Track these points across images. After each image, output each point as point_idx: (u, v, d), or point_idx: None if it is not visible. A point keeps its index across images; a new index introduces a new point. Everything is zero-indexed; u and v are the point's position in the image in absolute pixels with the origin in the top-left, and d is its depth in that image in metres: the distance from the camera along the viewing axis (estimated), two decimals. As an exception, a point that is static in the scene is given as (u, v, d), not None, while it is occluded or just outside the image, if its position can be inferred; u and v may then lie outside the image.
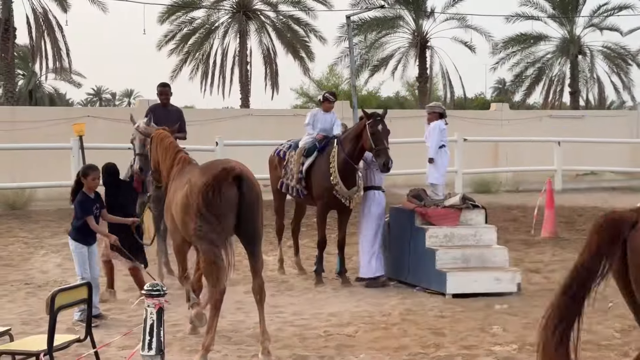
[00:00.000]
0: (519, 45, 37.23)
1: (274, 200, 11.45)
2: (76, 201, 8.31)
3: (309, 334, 7.85)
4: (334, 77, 52.17)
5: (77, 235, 8.34)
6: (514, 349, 7.24)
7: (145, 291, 5.48)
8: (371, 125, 9.91)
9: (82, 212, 8.25)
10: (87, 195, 8.31)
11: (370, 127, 9.90)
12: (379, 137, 9.87)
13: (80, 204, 8.27)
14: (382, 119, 10.00)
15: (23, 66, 46.27)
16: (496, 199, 20.41)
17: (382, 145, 9.85)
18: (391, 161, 9.85)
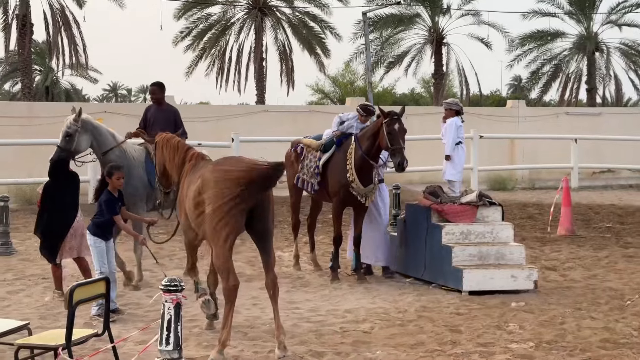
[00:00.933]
0: (536, 42, 37.11)
1: (290, 197, 11.47)
2: (102, 200, 8.40)
3: (325, 330, 7.86)
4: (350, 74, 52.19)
5: (97, 230, 8.42)
6: (530, 346, 7.22)
7: (163, 286, 5.50)
8: (388, 124, 9.88)
9: (109, 211, 8.35)
10: (112, 194, 8.40)
11: (387, 126, 9.88)
12: (395, 136, 9.84)
13: (106, 204, 8.37)
14: (399, 118, 9.97)
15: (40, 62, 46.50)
16: (512, 197, 20.35)
17: (397, 144, 9.83)
18: (406, 161, 9.84)
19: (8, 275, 10.52)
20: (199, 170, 7.55)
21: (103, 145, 9.83)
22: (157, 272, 10.49)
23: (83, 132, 9.68)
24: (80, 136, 9.66)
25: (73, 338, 5.74)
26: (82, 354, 6.40)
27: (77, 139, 9.64)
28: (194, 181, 7.47)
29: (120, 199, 8.53)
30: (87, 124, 9.75)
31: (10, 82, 49.83)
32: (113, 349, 6.13)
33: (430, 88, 49.22)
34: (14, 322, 6.41)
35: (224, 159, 7.66)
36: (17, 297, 9.28)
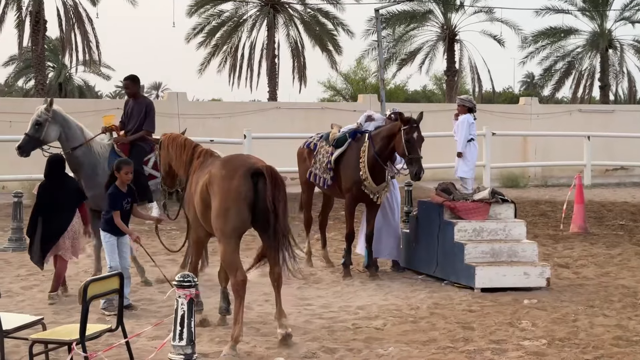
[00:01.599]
0: (549, 39, 36.96)
1: (302, 193, 11.48)
2: (107, 193, 8.41)
3: (337, 327, 7.87)
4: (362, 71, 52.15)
5: (107, 226, 8.46)
6: (543, 344, 7.21)
7: (176, 282, 5.52)
8: (406, 132, 9.79)
9: (111, 205, 8.36)
10: (118, 189, 8.41)
11: (406, 134, 9.79)
12: (414, 145, 9.78)
13: (110, 197, 8.37)
14: (418, 126, 9.89)
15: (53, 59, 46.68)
16: (524, 194, 20.31)
17: (415, 153, 9.78)
18: (423, 171, 9.84)
19: (22, 270, 10.58)
20: (208, 166, 7.59)
21: (71, 139, 9.78)
22: (170, 268, 10.53)
23: (53, 123, 9.70)
24: (50, 126, 9.69)
25: (87, 333, 5.77)
26: (96, 349, 6.44)
27: (46, 129, 9.67)
28: (202, 177, 7.51)
29: (130, 194, 8.52)
30: (58, 115, 9.77)
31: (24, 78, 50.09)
32: (126, 344, 6.16)
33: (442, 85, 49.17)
34: (28, 317, 6.45)
35: (232, 155, 7.72)
36: (31, 293, 9.33)
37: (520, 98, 30.17)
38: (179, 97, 22.73)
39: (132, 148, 9.99)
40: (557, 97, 43.00)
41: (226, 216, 7.07)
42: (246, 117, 22.64)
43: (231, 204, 7.04)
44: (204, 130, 21.05)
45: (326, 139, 10.83)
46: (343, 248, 10.85)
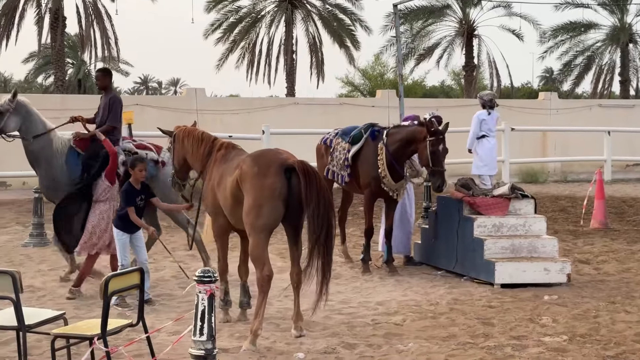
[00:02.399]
0: (568, 34, 36.77)
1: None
2: (121, 190, 8.44)
3: (356, 322, 7.87)
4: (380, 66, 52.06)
5: (119, 222, 8.50)
6: (564, 340, 7.17)
7: (196, 277, 5.53)
8: (432, 144, 9.66)
9: (125, 202, 8.40)
10: (132, 186, 8.44)
11: (432, 145, 9.66)
12: (439, 158, 9.68)
13: (124, 194, 8.41)
14: (444, 138, 9.79)
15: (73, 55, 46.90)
16: (544, 189, 20.22)
17: (440, 166, 9.70)
18: (446, 184, 9.80)
19: (43, 266, 10.65)
20: (234, 160, 7.57)
21: (31, 131, 9.79)
22: (190, 264, 10.58)
23: (15, 114, 9.74)
24: (11, 116, 9.73)
25: (108, 328, 5.78)
26: (117, 343, 6.47)
27: (6, 119, 9.71)
28: (229, 171, 7.49)
29: (144, 191, 8.56)
30: (21, 106, 9.81)
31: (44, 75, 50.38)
32: (147, 339, 6.18)
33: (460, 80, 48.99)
34: (50, 312, 6.48)
35: (262, 151, 7.70)
36: (52, 288, 9.39)
37: (540, 93, 30.02)
38: (197, 93, 22.79)
39: (91, 144, 9.81)
40: (576, 92, 42.78)
41: (259, 212, 7.04)
42: (264, 113, 22.67)
43: (265, 201, 7.02)
44: (222, 126, 21.10)
45: (342, 136, 10.82)
46: (362, 244, 10.85)
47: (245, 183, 7.16)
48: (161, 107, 22.08)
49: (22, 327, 5.85)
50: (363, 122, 11.18)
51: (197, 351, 5.47)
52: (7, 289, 5.83)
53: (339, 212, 11.65)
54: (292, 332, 7.30)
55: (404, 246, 11.04)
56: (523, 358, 6.56)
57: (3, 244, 12.17)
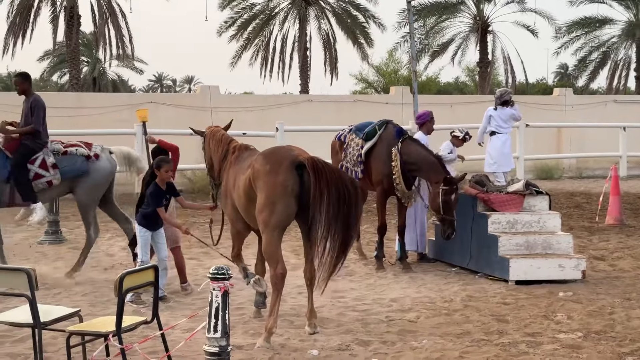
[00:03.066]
0: (583, 29, 36.57)
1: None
2: (149, 192, 8.49)
3: (370, 319, 7.87)
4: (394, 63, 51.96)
5: (143, 220, 8.55)
6: (578, 336, 7.14)
7: (210, 274, 5.54)
8: (445, 193, 9.67)
9: (154, 203, 8.45)
10: (159, 187, 8.49)
11: (444, 194, 9.67)
12: (450, 207, 9.70)
13: (152, 195, 8.46)
14: (458, 188, 9.77)
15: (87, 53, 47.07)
16: (559, 185, 20.15)
17: (451, 216, 9.73)
18: (455, 233, 9.79)
19: (58, 263, 10.70)
20: (246, 160, 7.61)
21: None
22: (204, 261, 10.61)
23: None
24: None
25: (123, 325, 5.81)
26: (132, 340, 6.49)
27: None
28: (242, 171, 7.53)
29: (170, 191, 8.60)
30: None
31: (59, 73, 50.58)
32: (162, 336, 6.20)
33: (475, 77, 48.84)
34: (65, 309, 6.51)
35: (274, 148, 7.71)
36: (67, 285, 9.42)
37: (555, 89, 29.87)
38: (211, 90, 22.82)
39: (19, 146, 9.76)
40: (591, 87, 42.55)
41: (272, 210, 7.04)
42: (278, 110, 22.66)
43: (278, 198, 7.03)
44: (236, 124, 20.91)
45: (355, 132, 10.82)
46: (376, 241, 10.84)
47: (257, 181, 7.18)
48: (175, 105, 22.13)
49: (38, 324, 5.89)
50: (377, 119, 11.18)
51: (211, 348, 5.49)
52: (22, 287, 5.86)
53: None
54: (306, 329, 7.32)
55: (419, 243, 11.01)
56: (538, 355, 6.54)
57: (19, 242, 12.24)
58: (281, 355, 6.62)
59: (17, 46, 30.95)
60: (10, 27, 30.75)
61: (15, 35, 30.85)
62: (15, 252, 11.45)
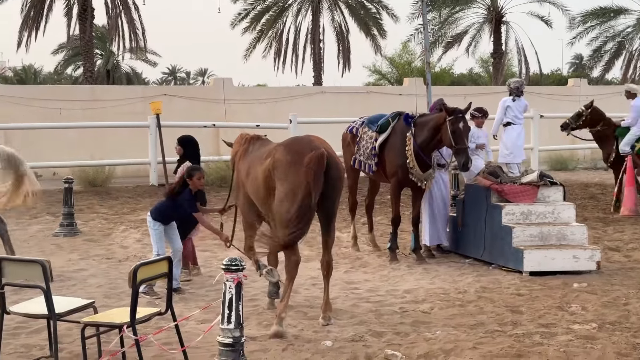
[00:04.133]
0: (598, 19, 36.32)
1: (347, 178, 11.45)
2: (184, 198, 8.53)
3: (384, 310, 7.87)
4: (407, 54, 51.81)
5: (159, 216, 8.60)
6: (593, 327, 7.12)
7: (224, 266, 5.56)
8: (452, 123, 9.70)
9: (191, 209, 8.51)
10: (191, 193, 8.55)
11: (451, 125, 9.69)
12: (460, 136, 9.69)
13: (188, 203, 8.52)
14: (464, 116, 9.79)
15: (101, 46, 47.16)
16: (573, 176, 20.06)
17: (462, 144, 9.70)
18: (471, 161, 9.80)
19: (73, 255, 10.75)
20: (260, 150, 7.63)
21: None
22: (217, 252, 10.64)
23: None
24: None
25: (137, 316, 5.84)
26: (146, 332, 6.52)
27: None
28: (258, 161, 7.53)
29: (199, 196, 8.70)
30: None
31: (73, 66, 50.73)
32: (176, 327, 6.23)
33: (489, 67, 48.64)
34: (80, 300, 6.55)
35: (295, 138, 7.73)
36: (82, 277, 9.48)
37: (569, 80, 29.71)
38: (224, 82, 22.84)
39: None
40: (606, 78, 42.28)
41: (293, 201, 7.07)
42: (291, 102, 22.65)
43: (299, 189, 7.06)
44: (250, 116, 21.14)
45: (368, 125, 10.80)
46: (389, 232, 10.83)
47: (278, 171, 7.19)
48: (189, 97, 22.17)
49: (53, 315, 5.93)
50: (390, 110, 11.15)
51: (225, 339, 5.51)
52: (37, 278, 5.90)
53: (365, 200, 11.65)
54: (320, 321, 7.34)
55: (440, 236, 10.88)
56: (552, 346, 6.52)
57: (34, 234, 12.31)
58: (295, 346, 6.63)
59: (31, 39, 31.04)
60: (25, 20, 30.84)
61: (29, 29, 30.93)
62: (30, 244, 11.52)
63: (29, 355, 6.45)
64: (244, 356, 5.59)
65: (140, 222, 13.04)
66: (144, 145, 18.50)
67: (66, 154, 19.23)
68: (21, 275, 6.10)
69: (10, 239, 9.79)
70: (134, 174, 19.75)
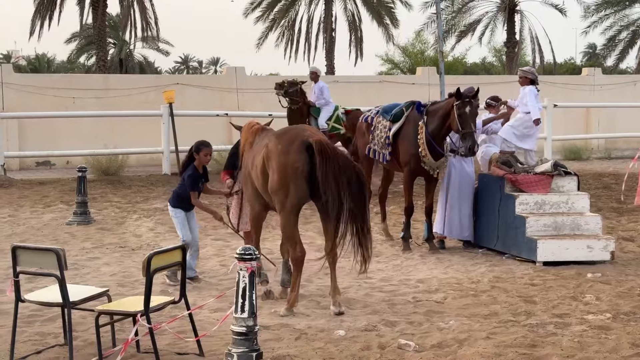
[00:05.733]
0: (612, 8, 36.06)
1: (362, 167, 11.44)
2: (186, 174, 8.51)
3: (397, 300, 7.86)
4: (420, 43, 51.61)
5: (177, 202, 8.61)
6: (607, 317, 7.09)
7: (237, 255, 5.56)
8: (459, 107, 9.67)
9: (191, 186, 8.48)
10: (196, 170, 8.52)
11: (458, 109, 9.67)
12: (466, 120, 9.63)
13: (190, 178, 8.49)
14: (471, 100, 9.72)
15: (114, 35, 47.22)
16: (587, 166, 19.95)
17: (469, 128, 9.64)
18: (477, 145, 9.75)
19: (87, 244, 10.79)
20: (263, 140, 7.66)
21: None
22: (231, 242, 10.65)
23: None
24: None
25: (151, 305, 5.86)
26: (160, 320, 6.54)
27: None
28: (259, 151, 7.59)
29: (204, 175, 8.63)
30: None
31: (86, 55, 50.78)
32: (189, 315, 6.25)
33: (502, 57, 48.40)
34: (94, 289, 6.58)
35: (287, 128, 7.78)
36: (96, 265, 9.51)
37: (583, 69, 29.54)
38: (237, 72, 22.82)
39: None
40: (620, 67, 42.02)
41: (286, 192, 7.21)
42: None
43: (289, 179, 7.16)
44: (263, 105, 21.11)
45: (382, 114, 10.77)
46: (402, 222, 10.81)
47: (270, 161, 7.30)
48: (202, 87, 22.17)
49: (67, 303, 5.95)
50: (403, 100, 11.13)
51: (239, 328, 5.52)
52: (52, 267, 5.92)
53: (379, 189, 11.63)
54: (331, 309, 7.35)
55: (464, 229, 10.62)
56: (566, 336, 6.50)
57: (48, 222, 12.36)
58: (308, 336, 6.63)
59: (44, 28, 31.05)
60: (38, 9, 30.86)
61: (42, 17, 30.94)
62: (44, 232, 11.57)
63: (43, 343, 6.48)
64: (258, 345, 5.60)
65: (153, 211, 13.07)
66: (157, 134, 18.52)
67: (80, 142, 19.29)
68: (36, 263, 6.13)
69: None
70: (147, 163, 19.80)
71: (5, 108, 19.74)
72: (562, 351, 6.11)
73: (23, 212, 13.24)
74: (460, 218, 10.55)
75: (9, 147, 18.61)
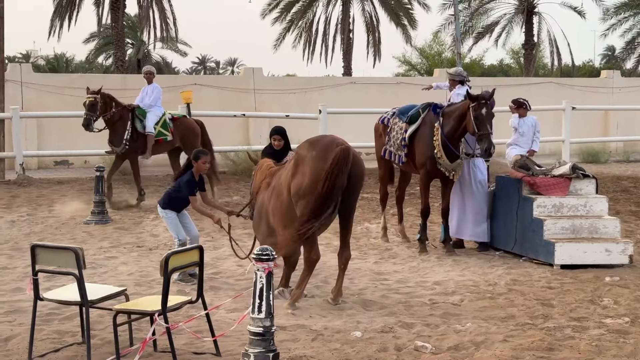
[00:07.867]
0: (632, 10, 35.85)
1: (378, 168, 11.45)
2: (183, 180, 8.54)
3: (414, 302, 7.85)
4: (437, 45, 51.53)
5: (168, 204, 8.64)
6: (625, 321, 7.05)
7: (255, 255, 5.57)
8: (475, 109, 9.66)
9: (188, 191, 8.51)
10: (193, 177, 8.54)
11: (474, 111, 9.65)
12: (483, 122, 9.61)
13: (187, 184, 8.52)
14: (487, 102, 9.70)
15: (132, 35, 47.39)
16: (605, 169, 19.84)
17: (485, 130, 9.61)
18: (493, 147, 9.71)
19: (104, 243, 10.84)
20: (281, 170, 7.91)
21: None
22: (247, 242, 10.65)
23: None
24: None
25: (168, 304, 5.88)
26: (177, 320, 6.56)
27: None
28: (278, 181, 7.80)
29: (200, 183, 8.66)
30: None
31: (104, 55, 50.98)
32: (206, 315, 6.26)
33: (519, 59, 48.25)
34: (112, 288, 6.61)
35: (319, 136, 7.93)
36: (113, 265, 9.55)
37: (602, 71, 29.36)
38: (254, 72, 22.87)
39: None
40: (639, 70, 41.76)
41: (312, 195, 7.24)
42: (321, 92, 22.63)
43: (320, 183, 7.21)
44: (280, 106, 21.14)
45: (399, 116, 10.76)
46: (419, 223, 10.79)
47: (301, 166, 7.36)
48: (219, 87, 22.23)
49: (85, 302, 5.98)
50: (420, 101, 11.11)
51: (256, 328, 5.53)
52: (70, 265, 5.95)
53: (396, 191, 11.61)
54: (329, 298, 7.71)
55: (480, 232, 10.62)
56: (584, 340, 6.47)
57: (66, 221, 12.42)
58: (324, 337, 6.63)
59: (63, 28, 31.20)
60: (57, 9, 31.02)
61: (61, 18, 31.10)
62: (62, 231, 11.63)
63: (61, 341, 6.51)
64: (274, 345, 5.61)
65: (170, 211, 13.10)
66: (175, 135, 18.52)
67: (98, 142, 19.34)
68: (54, 262, 6.16)
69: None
70: (164, 163, 19.80)
71: (25, 107, 19.84)
72: (579, 355, 6.08)
73: (41, 210, 13.31)
74: (473, 220, 10.54)
75: (27, 146, 18.73)
